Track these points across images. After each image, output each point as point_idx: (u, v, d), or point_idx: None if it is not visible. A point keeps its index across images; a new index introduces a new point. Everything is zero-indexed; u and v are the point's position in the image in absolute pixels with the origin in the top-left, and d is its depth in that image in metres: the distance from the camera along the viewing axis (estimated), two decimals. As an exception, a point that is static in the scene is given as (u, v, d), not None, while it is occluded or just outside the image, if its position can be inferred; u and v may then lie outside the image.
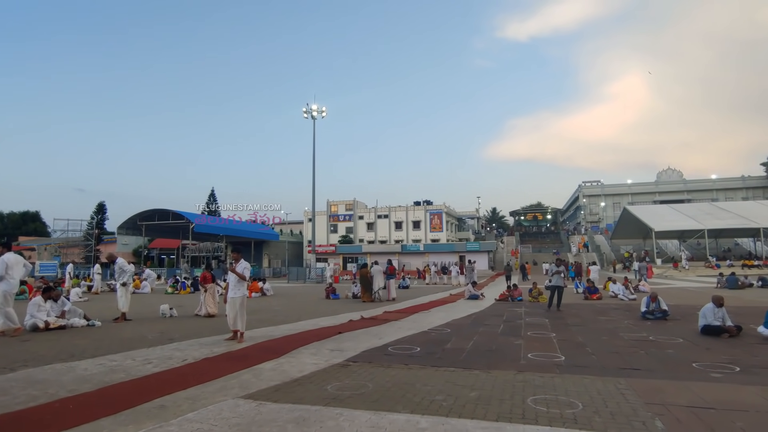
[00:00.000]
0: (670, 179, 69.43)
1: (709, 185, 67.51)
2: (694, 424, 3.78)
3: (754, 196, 60.63)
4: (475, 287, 18.69)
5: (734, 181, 67.17)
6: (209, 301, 12.05)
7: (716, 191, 65.75)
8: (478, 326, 9.97)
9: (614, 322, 10.42)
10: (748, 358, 6.45)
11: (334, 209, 66.85)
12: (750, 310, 11.38)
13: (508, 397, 4.60)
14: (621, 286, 17.00)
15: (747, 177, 66.83)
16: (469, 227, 71.97)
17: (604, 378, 5.34)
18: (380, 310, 13.20)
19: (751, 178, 66.25)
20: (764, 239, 38.35)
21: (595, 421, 3.87)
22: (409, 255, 51.95)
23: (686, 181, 68.75)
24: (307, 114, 36.94)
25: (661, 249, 43.39)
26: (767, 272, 27.23)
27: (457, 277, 28.67)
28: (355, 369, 5.90)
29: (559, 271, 13.00)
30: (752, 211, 38.58)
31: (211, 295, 12.13)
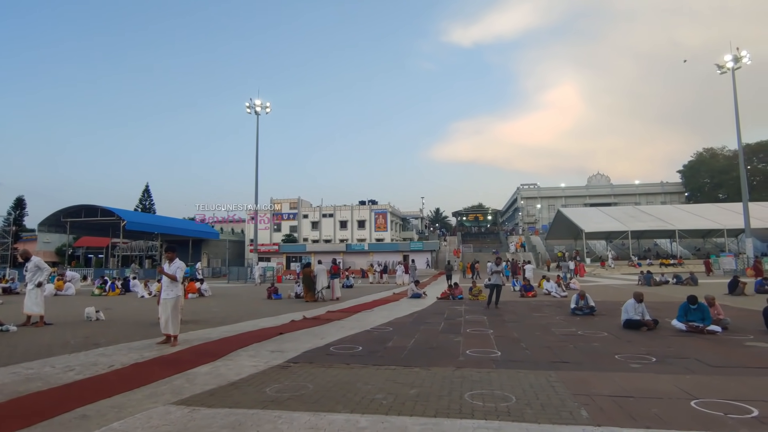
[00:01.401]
0: (599, 183, 74.24)
1: (633, 190, 72.84)
2: (615, 412, 4.05)
3: (671, 201, 66.21)
4: (418, 286, 18.99)
5: (654, 186, 72.98)
6: None
7: (639, 195, 71.05)
8: (419, 324, 10.13)
9: (547, 318, 10.96)
10: (663, 349, 7.01)
11: (278, 207, 65.47)
12: (666, 305, 12.37)
13: (446, 393, 4.70)
14: (554, 284, 17.92)
15: (665, 183, 72.88)
16: (413, 227, 73.09)
17: (537, 371, 5.60)
18: (323, 310, 13.08)
19: (669, 184, 72.31)
20: (679, 240, 41.94)
21: (527, 413, 4.04)
22: (354, 254, 51.89)
23: (613, 186, 73.76)
24: (250, 109, 35.88)
25: (590, 249, 46.20)
26: (681, 270, 29.77)
27: (402, 276, 29.00)
28: (295, 370, 5.80)
29: (498, 270, 13.49)
30: (669, 215, 42.08)
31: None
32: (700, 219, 40.14)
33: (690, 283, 21.16)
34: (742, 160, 31.86)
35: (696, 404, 4.23)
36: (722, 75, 30.12)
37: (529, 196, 75.48)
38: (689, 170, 69.50)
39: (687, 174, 69.72)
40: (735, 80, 29.19)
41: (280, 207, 65.50)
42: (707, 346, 7.16)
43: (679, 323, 8.63)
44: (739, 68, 29.17)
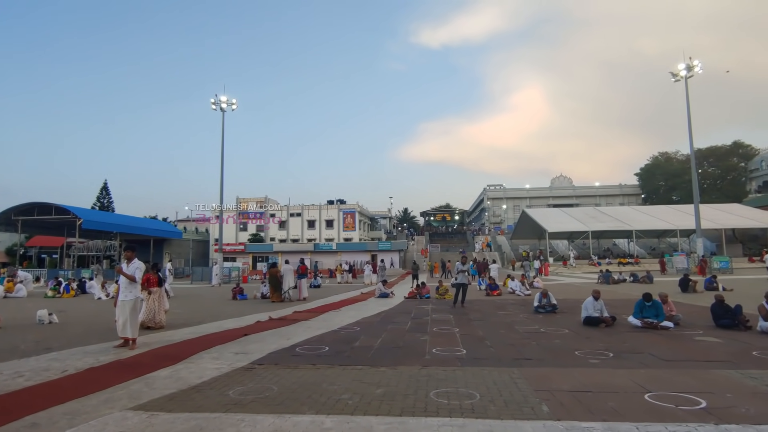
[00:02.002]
0: (562, 185, 76.48)
1: (594, 191, 75.38)
2: (575, 406, 4.17)
3: (629, 202, 68.85)
4: (386, 285, 19.04)
5: (613, 188, 75.76)
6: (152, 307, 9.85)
7: (599, 197, 73.56)
8: (387, 324, 10.16)
9: (511, 316, 11.20)
10: (620, 344, 7.29)
11: (244, 206, 64.23)
12: (623, 303, 12.85)
13: (412, 392, 4.73)
14: (518, 282, 18.34)
15: (624, 185, 75.76)
16: (381, 227, 73.25)
17: (500, 369, 5.71)
18: (290, 310, 12.93)
19: (627, 186, 75.22)
20: (636, 240, 43.69)
21: (490, 410, 4.11)
22: (322, 254, 51.55)
23: (575, 187, 76.14)
24: (215, 106, 35.00)
25: (553, 248, 47.53)
26: (638, 269, 31.01)
27: (370, 275, 29.00)
28: (260, 372, 5.70)
29: (464, 269, 13.69)
30: (627, 216, 43.78)
31: (156, 301, 9.90)
32: (655, 220, 41.94)
33: (646, 281, 22.08)
34: (694, 165, 33.51)
35: (649, 397, 4.41)
36: (676, 83, 31.59)
37: (496, 197, 76.91)
38: (646, 173, 72.49)
39: (644, 177, 72.69)
40: (688, 88, 30.65)
41: (246, 206, 64.28)
42: (660, 341, 7.49)
43: (634, 320, 8.99)
44: (692, 77, 30.64)
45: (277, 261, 41.48)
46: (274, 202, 66.53)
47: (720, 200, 54.33)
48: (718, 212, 42.14)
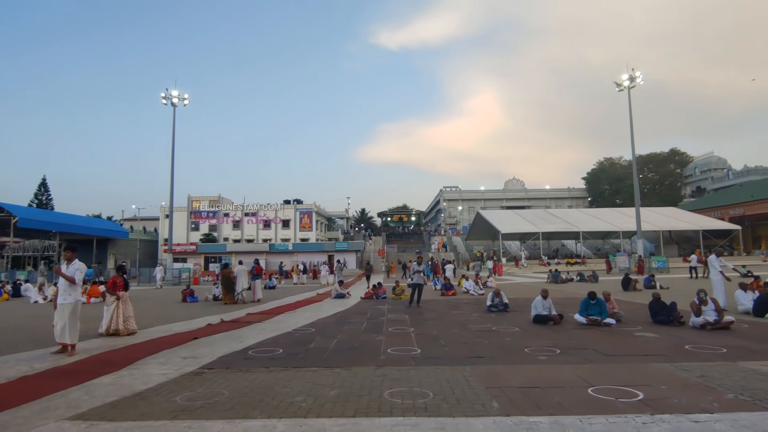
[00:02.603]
0: (515, 188, 78.96)
1: (544, 194, 78.32)
2: (523, 402, 4.31)
3: (576, 205, 71.99)
4: (342, 286, 18.95)
5: (562, 191, 79.03)
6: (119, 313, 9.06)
7: (549, 200, 76.51)
8: (342, 325, 10.11)
9: (465, 316, 11.43)
10: (567, 341, 7.60)
11: (197, 205, 62.13)
12: (570, 301, 13.41)
13: (366, 392, 4.73)
14: (472, 282, 18.75)
15: (572, 189, 79.18)
16: (338, 227, 72.84)
17: (454, 367, 5.81)
18: (243, 312, 12.61)
19: (575, 190, 78.65)
20: (582, 241, 45.75)
21: (443, 408, 4.18)
22: (278, 254, 50.59)
23: (527, 190, 78.80)
24: (166, 100, 33.61)
25: (506, 249, 48.91)
26: (584, 269, 32.48)
27: (326, 276, 28.76)
28: (210, 376, 5.53)
29: (420, 270, 13.85)
30: (575, 218, 45.81)
31: (126, 306, 9.20)
32: (600, 222, 44.09)
33: (591, 281, 23.15)
34: (635, 170, 35.50)
35: (592, 391, 4.63)
36: (620, 92, 33.34)
37: (452, 198, 78.31)
38: (592, 177, 76.13)
39: (590, 180, 76.31)
40: (630, 97, 32.44)
41: (198, 205, 62.19)
42: (603, 337, 7.87)
43: (580, 317, 9.40)
44: (634, 87, 32.43)
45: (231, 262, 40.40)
46: (228, 201, 64.74)
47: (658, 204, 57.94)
48: (656, 215, 44.87)
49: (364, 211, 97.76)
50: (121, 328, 8.94)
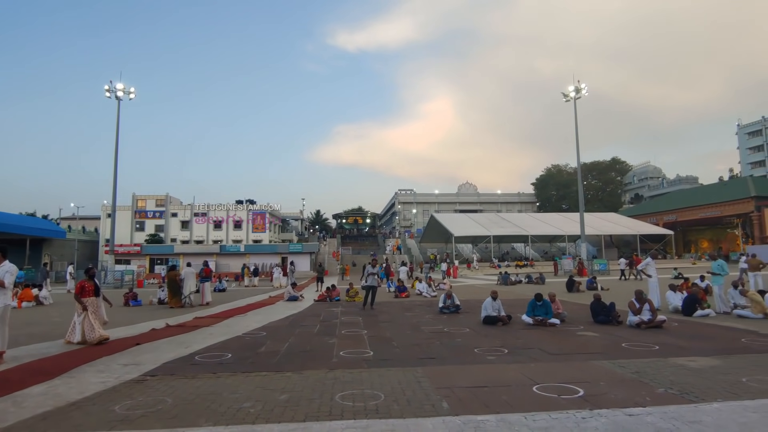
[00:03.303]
0: (468, 192, 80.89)
1: (496, 199, 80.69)
2: (472, 402, 4.41)
3: (526, 210, 74.72)
4: (295, 288, 18.68)
5: (513, 196, 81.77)
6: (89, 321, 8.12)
7: (500, 204, 78.90)
8: (295, 328, 9.97)
9: (418, 317, 11.56)
10: (514, 341, 7.85)
11: (142, 204, 59.42)
12: (518, 302, 13.87)
13: (317, 396, 4.68)
14: (425, 284, 19.00)
15: (522, 194, 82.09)
16: (292, 228, 71.87)
17: (405, 369, 5.86)
18: (190, 316, 12.16)
19: (524, 195, 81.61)
20: (531, 244, 47.50)
21: (393, 409, 4.21)
22: (229, 256, 49.12)
23: (479, 194, 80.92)
24: (110, 93, 31.84)
25: (458, 251, 49.97)
26: (532, 271, 33.70)
27: (279, 278, 28.23)
28: (152, 384, 5.29)
29: (374, 272, 13.88)
30: (524, 222, 47.51)
31: (93, 314, 8.27)
32: (548, 226, 45.95)
33: (539, 282, 24.06)
34: (580, 177, 37.28)
35: (537, 389, 4.80)
36: (567, 102, 34.94)
37: (406, 201, 79.08)
38: (540, 183, 79.28)
39: (539, 186, 79.43)
40: (576, 108, 34.07)
41: (144, 204, 59.47)
42: (548, 337, 8.20)
43: (527, 318, 9.74)
44: (580, 98, 34.08)
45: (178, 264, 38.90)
46: (177, 200, 62.35)
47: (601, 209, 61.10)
48: (599, 220, 47.31)
49: (319, 213, 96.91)
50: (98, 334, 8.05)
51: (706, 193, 55.11)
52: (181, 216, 60.32)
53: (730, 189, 52.92)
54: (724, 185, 59.09)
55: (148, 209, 59.88)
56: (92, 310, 8.29)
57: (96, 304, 8.49)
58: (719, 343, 7.25)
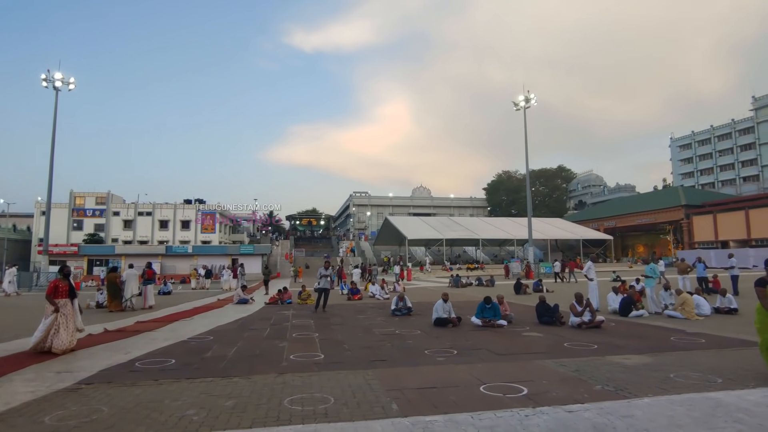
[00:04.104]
0: (422, 195, 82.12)
1: (449, 203, 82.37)
2: (421, 403, 4.47)
3: (477, 214, 76.70)
4: (245, 291, 18.21)
5: (465, 200, 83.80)
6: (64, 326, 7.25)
7: (453, 208, 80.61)
8: (244, 331, 9.72)
9: (370, 320, 11.58)
10: (463, 342, 8.03)
11: (81, 202, 56.03)
12: (469, 304, 14.18)
13: (265, 401, 4.59)
14: (378, 287, 19.07)
15: (474, 198, 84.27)
16: (244, 229, 70.08)
17: (356, 371, 5.85)
18: (131, 321, 11.57)
19: (476, 199, 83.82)
20: (482, 248, 48.87)
21: (343, 413, 4.19)
22: (176, 257, 47.15)
23: (433, 198, 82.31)
24: (47, 83, 29.77)
25: (412, 254, 50.54)
26: (483, 273, 34.63)
27: (229, 280, 27.41)
28: (87, 392, 4.99)
29: (326, 274, 13.77)
30: (476, 226, 48.79)
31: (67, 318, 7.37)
32: (498, 230, 47.40)
33: (488, 285, 24.73)
34: (528, 184, 38.81)
35: (484, 388, 4.94)
36: (517, 111, 36.25)
37: (361, 204, 79.20)
38: (491, 188, 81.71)
39: (490, 191, 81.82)
40: (525, 117, 35.43)
41: (83, 201, 56.09)
42: (496, 338, 8.45)
43: (476, 319, 9.99)
44: (529, 107, 35.47)
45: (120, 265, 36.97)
46: (119, 198, 59.29)
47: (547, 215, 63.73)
48: (545, 225, 49.33)
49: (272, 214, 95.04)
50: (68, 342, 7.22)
51: (642, 201, 58.85)
52: (123, 215, 57.40)
53: (663, 198, 56.77)
54: (658, 194, 63.30)
55: (87, 207, 56.54)
56: (64, 313, 7.36)
57: (70, 308, 7.53)
58: (651, 342, 7.75)
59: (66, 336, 7.21)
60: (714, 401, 4.33)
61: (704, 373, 5.48)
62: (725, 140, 69.51)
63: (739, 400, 4.33)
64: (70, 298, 7.59)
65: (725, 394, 4.55)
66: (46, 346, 7.12)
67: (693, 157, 74.38)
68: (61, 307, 7.36)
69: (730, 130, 68.51)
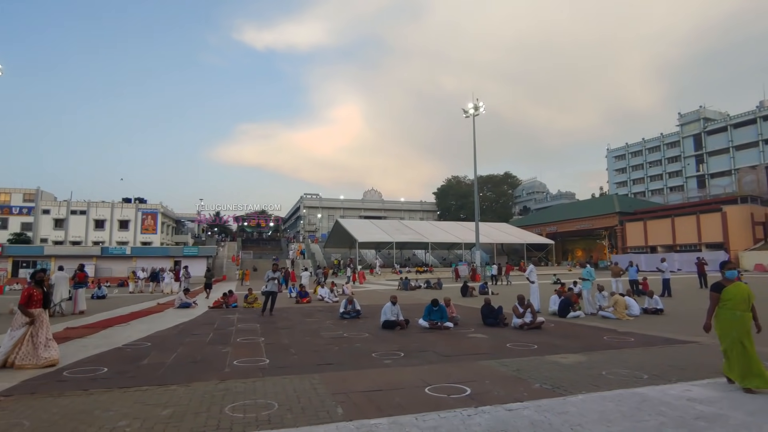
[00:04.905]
0: (373, 198, 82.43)
1: (399, 206, 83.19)
2: (366, 406, 4.47)
3: (427, 218, 77.92)
4: (188, 295, 17.49)
5: (415, 204, 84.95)
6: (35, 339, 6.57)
7: (403, 211, 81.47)
8: (184, 337, 9.33)
9: (318, 323, 11.46)
10: (410, 344, 8.11)
11: (5, 199, 51.74)
12: (417, 307, 14.35)
13: (205, 409, 4.42)
14: (327, 289, 18.91)
15: (424, 202, 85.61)
16: (188, 230, 67.42)
17: (302, 376, 5.77)
18: (60, 327, 10.78)
19: (426, 203, 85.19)
20: (431, 251, 49.65)
21: (287, 419, 4.11)
22: (112, 259, 44.56)
23: (384, 201, 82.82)
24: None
25: (362, 257, 50.56)
26: (431, 276, 35.18)
27: (171, 283, 26.22)
28: (7, 405, 4.61)
29: (274, 277, 13.49)
30: (426, 229, 49.56)
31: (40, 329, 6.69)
32: (447, 234, 48.37)
33: (436, 288, 25.13)
34: (477, 189, 39.91)
35: (429, 390, 5.01)
36: (467, 118, 37.23)
37: (312, 206, 78.35)
38: (441, 193, 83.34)
39: (440, 196, 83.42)
40: (474, 124, 36.45)
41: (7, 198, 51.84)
42: (442, 340, 8.61)
43: (423, 322, 10.13)
44: (478, 115, 36.52)
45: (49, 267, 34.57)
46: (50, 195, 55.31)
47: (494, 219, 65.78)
48: (492, 229, 50.92)
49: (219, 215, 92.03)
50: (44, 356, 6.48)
51: (581, 208, 62.08)
52: (54, 213, 53.58)
53: (599, 205, 60.11)
54: (595, 201, 66.97)
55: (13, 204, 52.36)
56: (39, 324, 6.70)
57: (43, 318, 6.85)
58: (586, 341, 8.17)
59: (34, 350, 6.49)
60: (640, 396, 4.63)
61: (632, 369, 5.85)
62: (655, 152, 74.70)
63: (662, 395, 4.65)
64: (43, 306, 6.87)
65: (650, 389, 4.87)
66: (8, 361, 6.40)
67: (626, 167, 79.32)
68: (36, 317, 6.69)
69: (659, 143, 73.71)
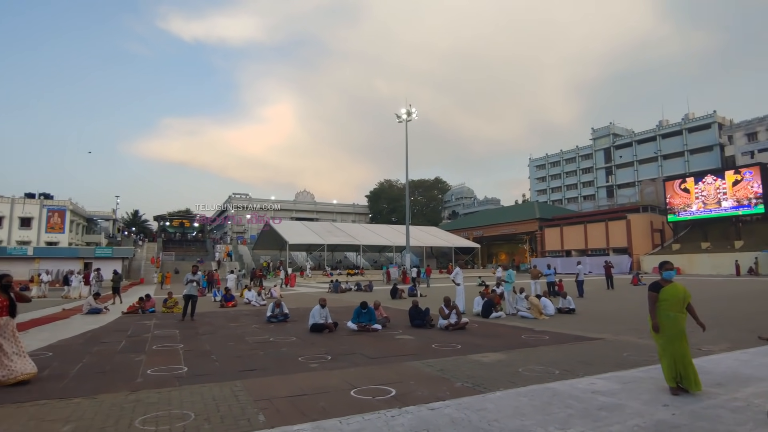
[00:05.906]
0: (305, 200, 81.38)
1: (332, 208, 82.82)
2: (290, 412, 4.38)
3: (359, 220, 78.28)
4: (98, 299, 16.16)
5: (347, 207, 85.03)
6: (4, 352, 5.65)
7: (336, 213, 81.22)
8: (92, 345, 8.60)
9: (243, 328, 11.06)
10: (338, 347, 8.07)
11: None
12: (346, 309, 14.32)
13: (112, 423, 4.10)
14: (254, 293, 18.32)
15: (356, 205, 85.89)
16: (102, 230, 62.33)
17: (222, 383, 5.53)
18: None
19: (359, 206, 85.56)
20: (363, 254, 49.84)
21: (204, 429, 3.92)
22: (11, 260, 39.98)
23: (316, 203, 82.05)
24: None
25: (293, 259, 49.62)
26: (362, 279, 35.31)
27: (79, 287, 24.06)
28: None
29: (194, 279, 12.83)
30: (357, 232, 49.68)
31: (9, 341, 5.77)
32: (378, 237, 48.80)
33: (367, 290, 25.26)
34: (408, 193, 40.73)
35: (354, 393, 5.00)
36: (399, 123, 37.90)
37: (241, 206, 75.70)
38: (373, 196, 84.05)
39: (372, 199, 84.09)
40: (407, 129, 37.18)
41: None
42: (370, 342, 8.65)
43: (352, 324, 10.13)
44: (411, 120, 37.32)
45: (-70, 269, 30.32)
46: (-67, 188, 48.61)
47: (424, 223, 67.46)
48: (422, 233, 52.14)
49: (138, 213, 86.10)
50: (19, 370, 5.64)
51: (505, 214, 65.45)
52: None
53: (521, 211, 63.74)
54: (518, 208, 70.92)
55: None
56: (8, 336, 5.82)
57: (12, 328, 5.93)
58: (506, 340, 8.59)
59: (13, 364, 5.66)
60: (551, 391, 4.94)
61: (546, 366, 6.23)
62: (571, 163, 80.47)
63: (570, 389, 5.00)
64: (10, 315, 5.94)
65: (560, 384, 5.22)
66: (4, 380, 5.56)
67: (546, 176, 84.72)
68: (1, 327, 5.79)
69: (575, 155, 79.50)
